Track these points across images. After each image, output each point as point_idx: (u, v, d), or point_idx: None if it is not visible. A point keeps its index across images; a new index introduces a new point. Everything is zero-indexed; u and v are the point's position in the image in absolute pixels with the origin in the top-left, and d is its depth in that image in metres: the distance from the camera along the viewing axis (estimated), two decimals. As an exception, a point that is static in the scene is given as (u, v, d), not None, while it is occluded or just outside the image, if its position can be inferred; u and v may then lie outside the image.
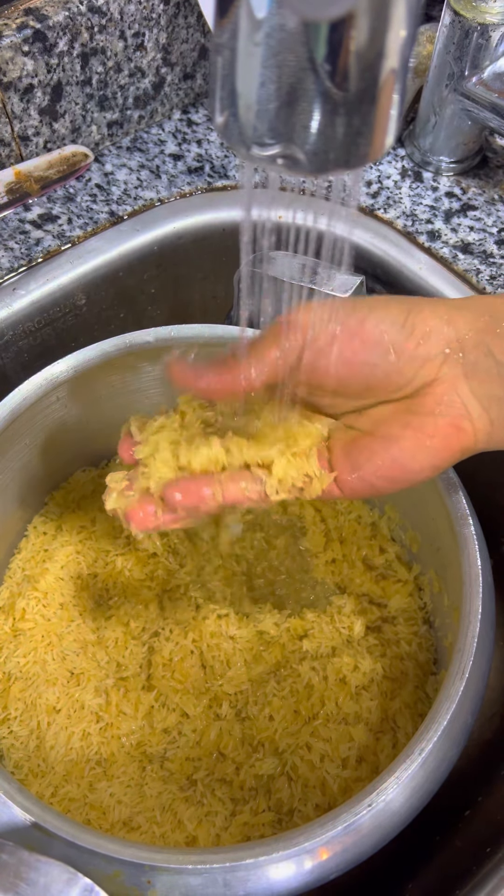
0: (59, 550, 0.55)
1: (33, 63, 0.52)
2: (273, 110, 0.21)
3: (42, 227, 0.56)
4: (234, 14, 0.20)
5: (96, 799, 0.47)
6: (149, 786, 0.47)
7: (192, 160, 0.60)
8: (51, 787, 0.47)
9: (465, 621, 0.41)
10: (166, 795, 0.46)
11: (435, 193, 0.58)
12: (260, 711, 0.49)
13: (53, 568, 0.54)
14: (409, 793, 0.37)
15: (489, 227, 0.56)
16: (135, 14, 0.55)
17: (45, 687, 0.50)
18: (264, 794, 0.47)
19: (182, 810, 0.46)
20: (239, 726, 0.49)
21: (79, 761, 0.48)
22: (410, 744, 0.38)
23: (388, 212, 0.57)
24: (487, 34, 0.50)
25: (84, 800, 0.47)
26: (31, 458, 0.53)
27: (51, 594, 0.53)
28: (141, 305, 0.60)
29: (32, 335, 0.55)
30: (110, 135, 0.60)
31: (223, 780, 0.47)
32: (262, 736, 0.48)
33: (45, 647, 0.51)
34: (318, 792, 0.46)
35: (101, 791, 0.47)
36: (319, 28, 0.18)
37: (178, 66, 0.60)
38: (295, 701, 0.49)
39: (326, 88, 0.20)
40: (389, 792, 0.37)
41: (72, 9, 0.52)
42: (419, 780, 0.37)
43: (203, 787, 0.47)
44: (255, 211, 0.27)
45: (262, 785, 0.47)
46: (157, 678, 0.50)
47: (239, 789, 0.47)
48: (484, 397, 0.35)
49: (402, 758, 0.37)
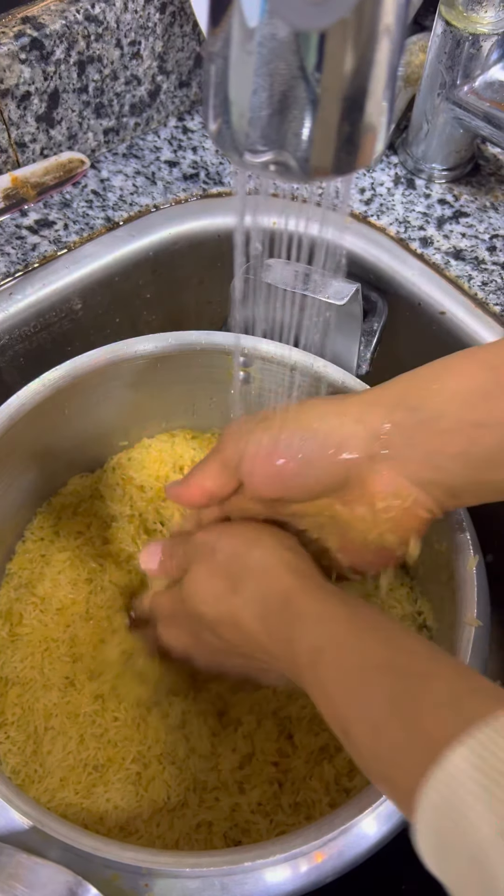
0: (56, 556, 0.55)
1: (30, 71, 0.52)
2: (265, 117, 0.21)
3: (38, 233, 0.56)
4: (226, 23, 0.20)
5: (93, 804, 0.47)
6: (146, 790, 0.47)
7: (188, 167, 0.60)
8: (48, 792, 0.47)
9: (459, 627, 0.41)
10: (164, 800, 0.47)
11: (427, 200, 0.59)
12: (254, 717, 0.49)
13: (51, 573, 0.54)
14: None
15: (481, 233, 0.57)
16: (131, 23, 0.55)
17: (42, 692, 0.50)
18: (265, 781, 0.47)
19: (179, 813, 0.46)
20: (233, 734, 0.49)
21: (76, 766, 0.48)
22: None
23: (382, 218, 0.58)
24: (479, 44, 0.51)
25: (81, 805, 0.47)
26: (28, 463, 0.53)
27: (48, 599, 0.53)
28: (137, 310, 0.61)
29: (28, 339, 0.56)
30: (106, 141, 0.60)
31: (222, 786, 0.47)
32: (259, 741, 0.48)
33: (43, 652, 0.51)
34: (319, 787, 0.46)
35: (98, 796, 0.47)
36: (310, 38, 0.19)
37: (173, 74, 0.60)
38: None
39: (317, 96, 0.20)
40: (384, 797, 0.37)
41: (68, 17, 0.52)
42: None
43: (201, 792, 0.47)
44: (249, 217, 0.27)
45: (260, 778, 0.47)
46: None
47: (237, 790, 0.47)
48: (421, 482, 0.36)
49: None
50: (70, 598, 0.53)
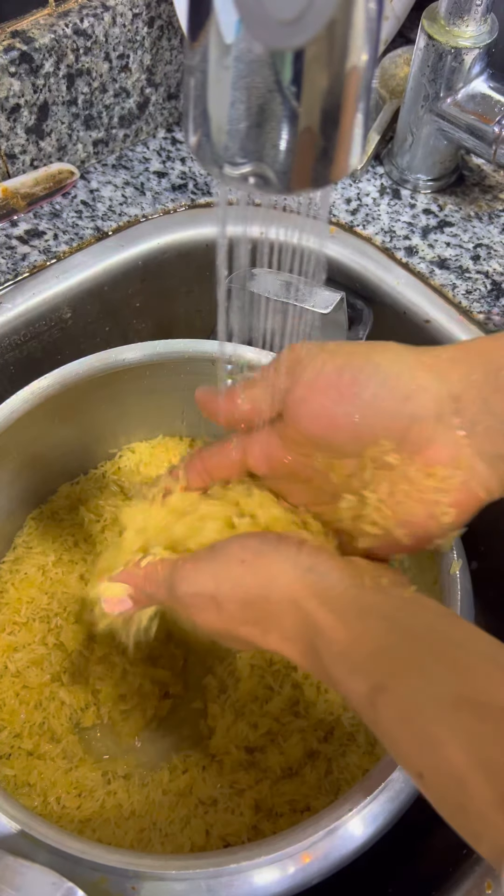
0: (45, 563, 0.55)
1: (20, 84, 0.53)
2: (243, 130, 0.22)
3: (28, 243, 0.57)
4: (204, 38, 0.21)
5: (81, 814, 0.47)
6: (126, 797, 0.47)
7: (176, 177, 0.61)
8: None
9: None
10: (148, 805, 0.47)
11: (413, 210, 0.59)
12: (255, 706, 0.49)
13: (38, 580, 0.54)
14: (392, 795, 0.38)
15: (465, 242, 0.58)
16: (119, 37, 0.56)
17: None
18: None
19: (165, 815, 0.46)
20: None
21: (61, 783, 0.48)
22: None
23: (367, 228, 0.58)
24: (461, 57, 0.52)
25: (69, 817, 0.47)
26: (18, 471, 0.54)
27: (29, 606, 0.53)
28: (126, 319, 0.61)
29: (18, 348, 0.56)
30: (96, 153, 0.61)
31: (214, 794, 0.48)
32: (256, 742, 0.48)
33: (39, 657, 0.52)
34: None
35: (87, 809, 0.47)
36: (284, 55, 0.19)
37: (162, 86, 0.61)
38: (290, 702, 0.49)
39: (292, 111, 0.21)
40: (371, 795, 0.37)
41: (58, 31, 0.53)
42: (400, 784, 0.38)
43: (191, 796, 0.47)
44: (233, 227, 0.28)
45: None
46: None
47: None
48: (488, 456, 0.32)
49: (379, 766, 0.38)
50: (55, 606, 0.54)
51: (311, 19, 0.17)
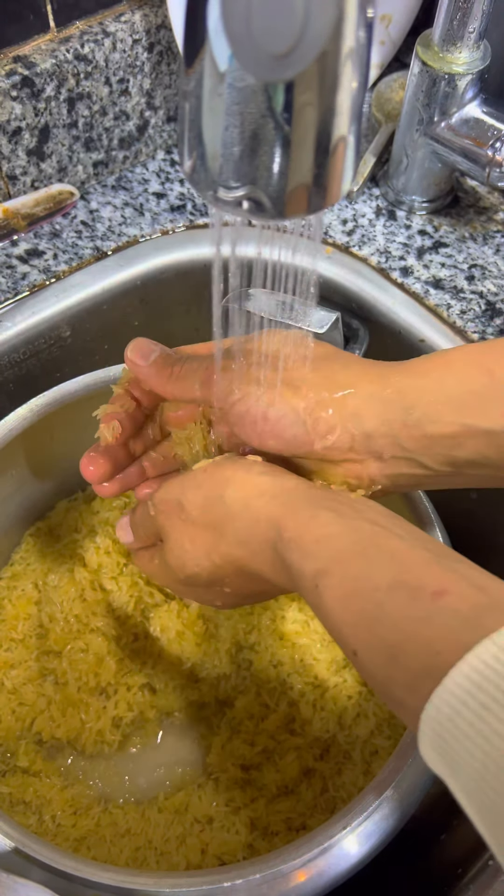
0: (43, 579, 0.55)
1: (21, 107, 0.54)
2: (237, 153, 0.22)
3: (28, 262, 0.57)
4: (199, 65, 0.22)
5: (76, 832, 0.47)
6: (122, 815, 0.47)
7: (175, 198, 0.62)
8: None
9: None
10: (143, 823, 0.47)
11: (408, 231, 0.60)
12: (250, 717, 0.49)
13: (35, 596, 0.54)
14: (387, 813, 0.38)
15: (460, 263, 0.58)
16: (119, 62, 0.57)
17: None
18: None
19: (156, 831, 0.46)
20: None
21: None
22: (383, 769, 0.38)
23: (363, 249, 0.59)
24: (454, 83, 0.53)
25: (65, 834, 0.47)
26: (16, 488, 0.54)
27: (25, 622, 0.54)
28: (125, 337, 0.62)
29: (18, 366, 0.57)
30: (96, 174, 0.62)
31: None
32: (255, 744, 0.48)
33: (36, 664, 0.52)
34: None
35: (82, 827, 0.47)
36: (276, 85, 0.20)
37: (161, 109, 0.62)
38: (286, 720, 0.49)
39: (285, 137, 0.21)
40: (366, 813, 0.37)
41: (59, 57, 0.54)
42: (395, 802, 0.38)
43: (186, 814, 0.47)
44: (229, 248, 0.29)
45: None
46: None
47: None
48: (392, 476, 0.36)
49: (374, 784, 0.38)
50: (51, 624, 0.54)
51: (302, 53, 0.18)
